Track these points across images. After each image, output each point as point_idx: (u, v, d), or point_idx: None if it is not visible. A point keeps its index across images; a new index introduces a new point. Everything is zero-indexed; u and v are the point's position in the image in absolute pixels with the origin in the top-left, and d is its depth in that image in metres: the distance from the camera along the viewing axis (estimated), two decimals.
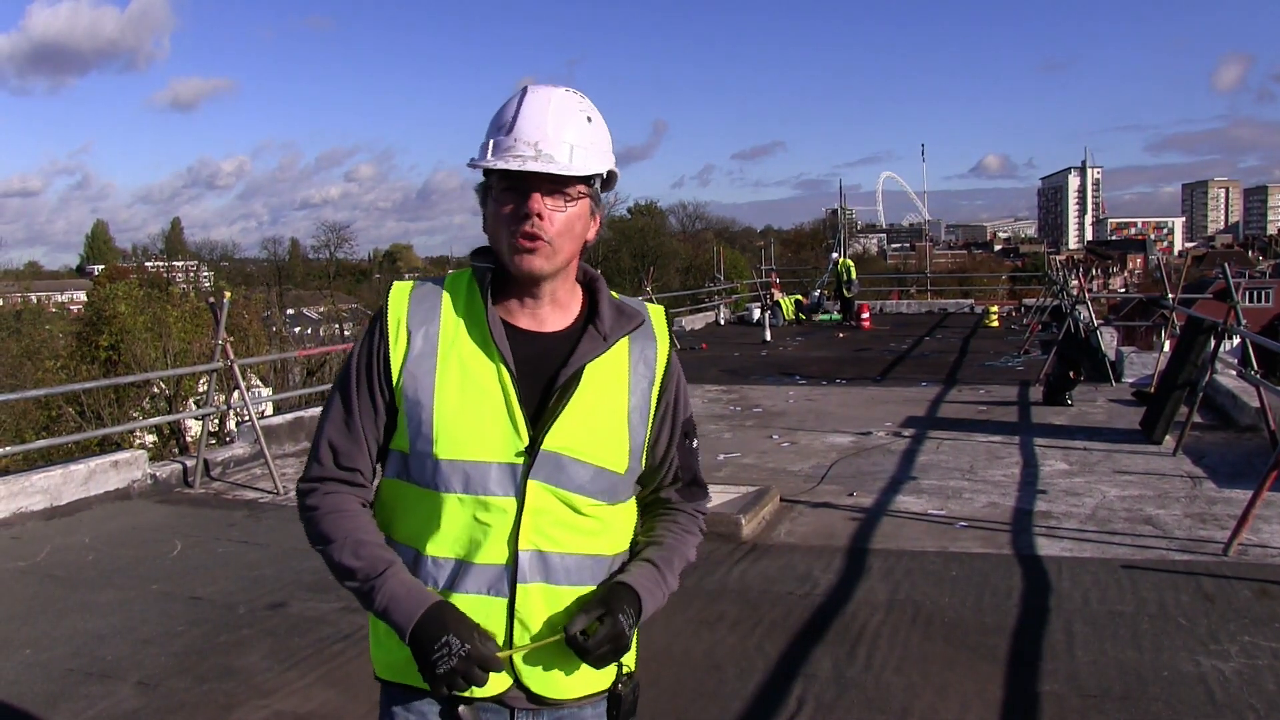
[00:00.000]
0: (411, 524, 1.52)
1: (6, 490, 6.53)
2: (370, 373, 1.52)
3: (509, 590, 1.48)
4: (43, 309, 38.09)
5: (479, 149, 1.50)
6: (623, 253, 52.22)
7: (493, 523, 1.47)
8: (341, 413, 1.54)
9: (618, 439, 1.54)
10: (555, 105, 1.48)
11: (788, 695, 3.60)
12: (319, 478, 1.54)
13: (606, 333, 1.53)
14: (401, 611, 1.43)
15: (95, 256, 78.90)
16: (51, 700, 3.76)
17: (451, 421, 1.47)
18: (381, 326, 1.52)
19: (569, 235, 1.48)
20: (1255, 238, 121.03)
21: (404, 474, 1.52)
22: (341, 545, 1.49)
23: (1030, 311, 20.91)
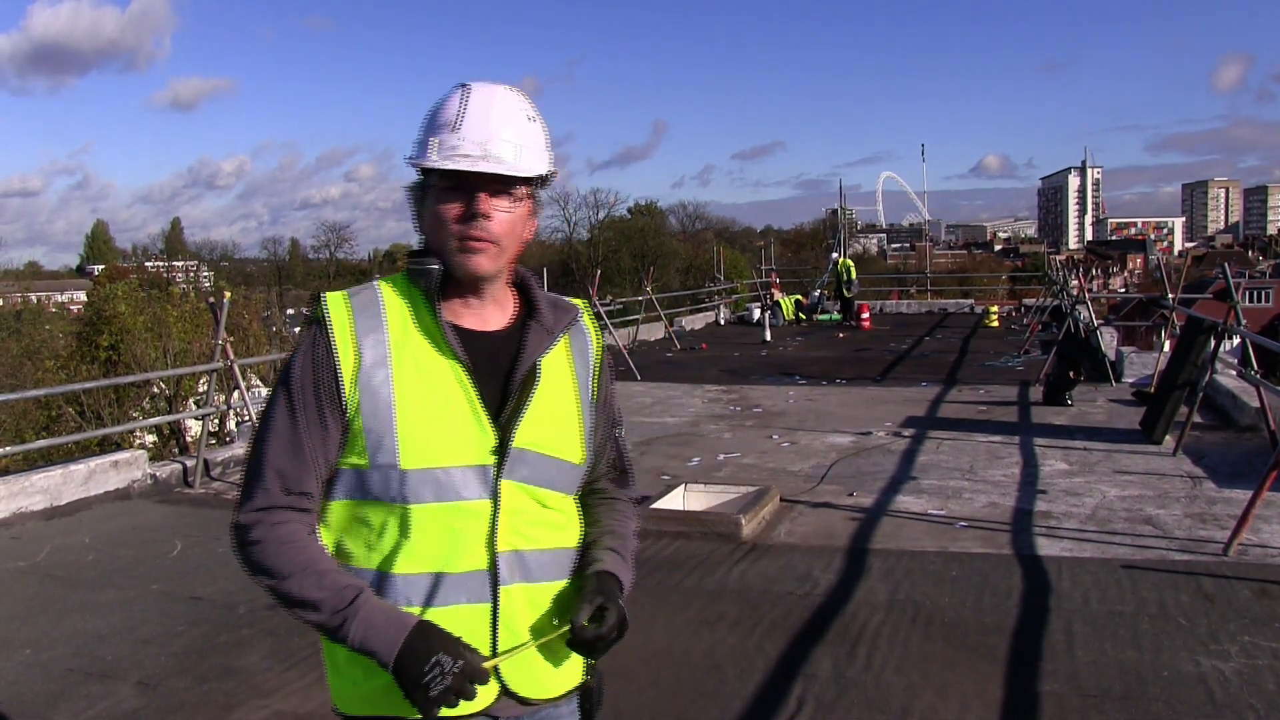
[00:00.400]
0: (374, 544, 1.45)
1: (6, 490, 6.53)
2: (318, 388, 1.43)
3: (491, 595, 1.46)
4: (43, 309, 38.11)
5: (417, 146, 1.46)
6: (623, 253, 52.27)
7: (469, 528, 1.44)
8: (287, 433, 1.43)
9: (575, 431, 1.56)
10: (499, 104, 1.47)
11: (788, 695, 3.60)
12: (265, 507, 1.43)
13: (550, 327, 1.54)
14: (382, 638, 1.37)
15: (95, 256, 78.91)
16: (51, 700, 3.77)
17: (417, 430, 1.42)
18: (325, 339, 1.44)
19: (513, 236, 1.48)
20: (1255, 238, 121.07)
21: (362, 492, 1.45)
22: (299, 578, 1.39)
23: (1030, 311, 20.92)
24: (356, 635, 1.37)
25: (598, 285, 14.48)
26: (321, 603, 1.38)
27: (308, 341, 1.46)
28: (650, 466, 7.67)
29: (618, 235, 55.43)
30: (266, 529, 1.42)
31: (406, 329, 1.46)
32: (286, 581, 1.40)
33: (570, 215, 59.42)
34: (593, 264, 42.69)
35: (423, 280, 1.48)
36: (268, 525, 1.42)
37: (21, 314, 34.07)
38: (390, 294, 1.50)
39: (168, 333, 21.39)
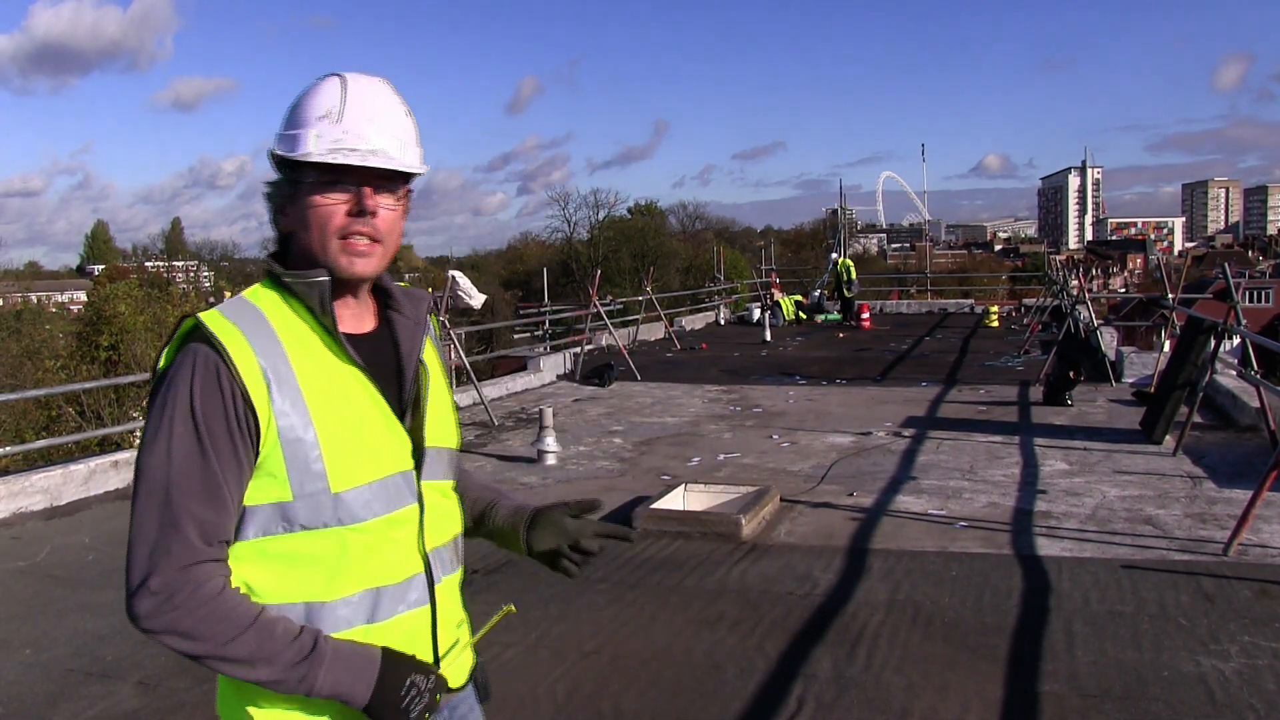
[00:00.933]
0: (300, 577, 1.34)
1: (6, 490, 6.53)
2: (229, 422, 1.28)
3: (430, 596, 1.43)
4: (43, 309, 38.09)
5: (286, 140, 1.35)
6: (623, 253, 52.23)
7: (404, 536, 1.40)
8: (200, 475, 1.26)
9: (454, 417, 1.56)
10: (383, 97, 1.39)
11: (788, 695, 3.60)
12: (188, 564, 1.26)
13: (415, 319, 1.49)
14: (355, 679, 1.31)
15: (95, 256, 78.88)
16: (51, 700, 3.77)
17: (341, 449, 1.33)
18: (227, 368, 1.28)
19: (394, 235, 1.41)
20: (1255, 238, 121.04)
21: (283, 525, 1.32)
22: (248, 635, 1.27)
23: (1030, 311, 20.90)
24: (325, 682, 1.29)
25: (598, 285, 14.48)
26: (276, 656, 1.28)
27: (202, 369, 1.28)
28: (650, 466, 7.67)
29: (618, 235, 55.36)
30: (193, 589, 1.26)
31: (302, 344, 1.35)
32: (232, 644, 1.27)
33: (570, 215, 59.41)
34: (593, 264, 42.68)
35: (312, 291, 1.36)
36: (193, 585, 1.26)
37: (21, 314, 34.06)
38: (270, 308, 1.37)
39: (168, 333, 21.38)
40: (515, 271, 60.57)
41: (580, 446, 8.54)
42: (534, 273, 47.10)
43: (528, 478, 7.40)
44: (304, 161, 1.34)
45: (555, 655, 4.05)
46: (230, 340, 1.30)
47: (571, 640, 4.21)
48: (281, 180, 1.39)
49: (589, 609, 4.57)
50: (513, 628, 4.35)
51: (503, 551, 5.93)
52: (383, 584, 1.38)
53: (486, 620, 1.56)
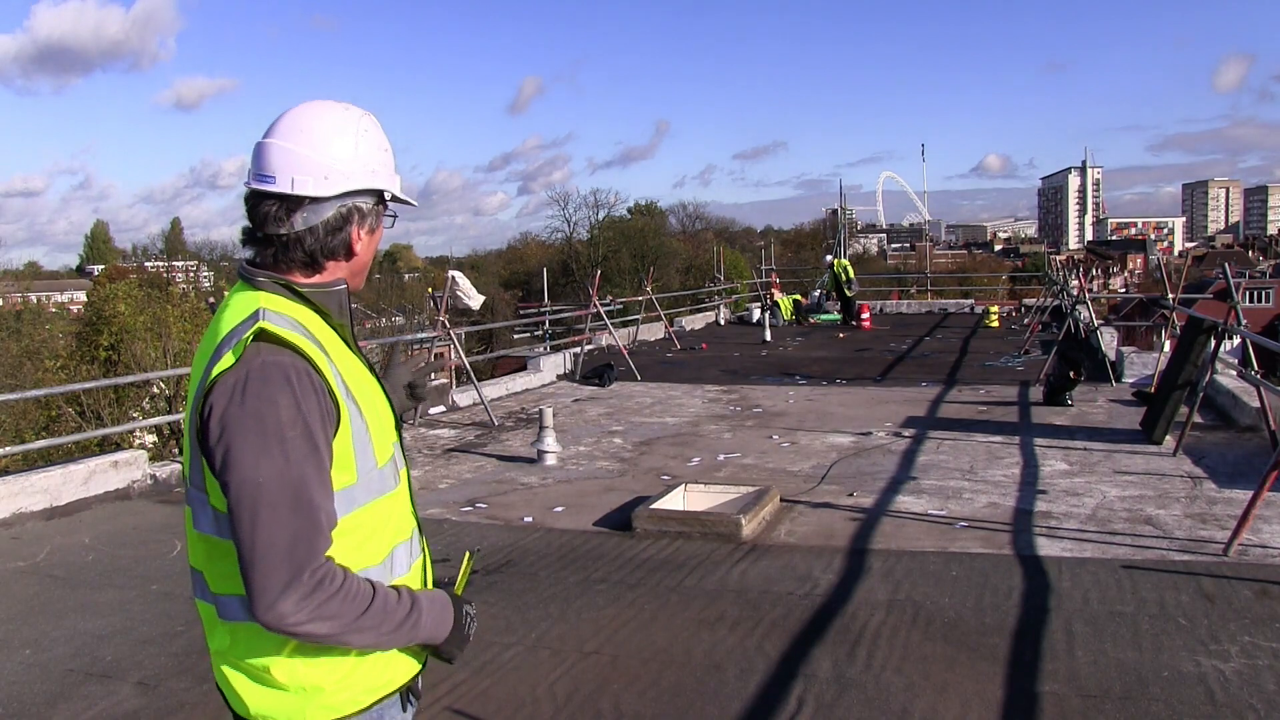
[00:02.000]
0: (365, 542, 1.52)
1: (6, 490, 6.53)
2: (324, 422, 1.43)
3: (421, 546, 1.68)
4: (43, 309, 38.09)
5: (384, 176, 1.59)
6: (623, 253, 52.26)
7: (406, 496, 1.64)
8: (317, 475, 1.40)
9: None
10: None
11: (788, 695, 3.60)
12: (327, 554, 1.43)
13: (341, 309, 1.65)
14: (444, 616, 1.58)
15: (95, 257, 78.91)
16: (51, 700, 3.77)
17: (375, 431, 1.54)
18: (318, 373, 1.43)
19: None
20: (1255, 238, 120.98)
21: (348, 507, 1.47)
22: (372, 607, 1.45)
23: (1030, 311, 20.90)
24: (425, 629, 1.53)
25: (598, 285, 14.48)
26: (391, 616, 1.47)
27: (298, 373, 1.40)
28: (650, 466, 7.68)
29: (618, 235, 55.38)
30: (334, 576, 1.42)
31: (332, 345, 1.53)
32: (364, 617, 1.43)
33: (570, 215, 59.42)
34: (593, 264, 42.68)
35: (333, 300, 1.58)
36: (334, 572, 1.42)
37: (21, 314, 34.04)
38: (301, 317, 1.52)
39: (168, 333, 21.39)
40: (515, 271, 60.58)
41: (580, 446, 8.54)
42: (534, 273, 47.11)
43: (528, 478, 7.40)
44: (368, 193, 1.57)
45: (555, 655, 4.05)
46: (303, 343, 1.45)
47: (571, 640, 4.21)
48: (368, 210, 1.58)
49: (589, 609, 4.57)
50: (513, 628, 4.35)
51: (503, 552, 5.92)
52: (400, 540, 1.59)
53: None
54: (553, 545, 5.60)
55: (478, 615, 1.69)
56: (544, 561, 5.31)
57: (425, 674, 1.70)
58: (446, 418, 10.38)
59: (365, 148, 1.56)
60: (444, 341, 10.55)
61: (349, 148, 1.53)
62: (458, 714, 3.51)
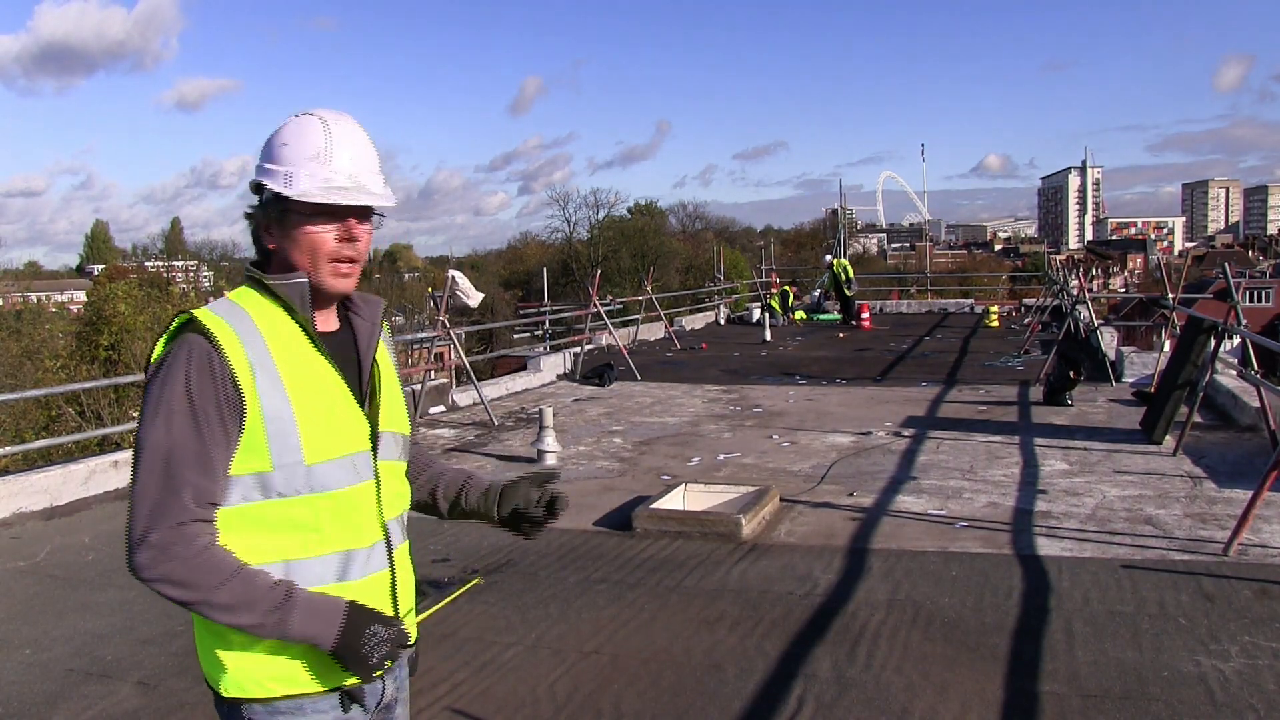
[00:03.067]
0: (280, 539, 1.55)
1: (6, 490, 6.53)
2: (219, 403, 1.50)
3: (389, 561, 1.65)
4: (43, 309, 38.09)
5: (286, 177, 1.57)
6: (623, 253, 52.26)
7: (366, 506, 1.62)
8: (194, 447, 1.49)
9: (405, 407, 1.78)
10: (360, 137, 1.63)
11: (788, 695, 3.60)
12: (182, 521, 1.48)
13: (371, 320, 1.73)
14: (323, 624, 1.51)
15: (94, 256, 78.90)
16: (51, 700, 3.77)
17: (315, 427, 1.55)
18: (219, 355, 1.51)
19: (366, 255, 1.66)
20: (1255, 237, 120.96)
21: (263, 493, 1.54)
22: (232, 583, 1.48)
23: (1030, 311, 20.90)
24: (297, 626, 1.50)
25: (598, 285, 14.48)
26: (256, 603, 1.48)
27: (198, 357, 1.51)
28: (650, 466, 7.67)
29: (618, 235, 55.38)
30: (186, 543, 1.48)
31: (281, 339, 1.57)
32: (218, 590, 1.47)
33: (570, 215, 59.42)
34: (593, 264, 42.68)
35: (294, 292, 1.59)
36: (187, 539, 1.48)
37: (21, 314, 34.05)
38: (255, 307, 1.59)
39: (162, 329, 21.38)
40: (515, 271, 60.57)
41: (580, 446, 8.54)
42: (534, 273, 47.10)
43: None
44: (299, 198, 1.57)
45: (555, 655, 4.05)
46: (221, 332, 1.53)
47: (571, 640, 4.21)
48: (271, 208, 1.60)
49: (589, 609, 4.57)
50: (513, 628, 4.35)
51: (503, 552, 5.93)
52: (354, 547, 1.60)
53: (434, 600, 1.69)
54: (553, 545, 5.60)
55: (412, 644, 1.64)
56: (544, 561, 5.31)
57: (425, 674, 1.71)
58: (446, 418, 10.38)
59: (278, 148, 1.60)
60: (444, 341, 10.55)
61: (270, 149, 1.61)
62: (458, 714, 3.51)
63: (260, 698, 1.57)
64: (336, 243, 1.60)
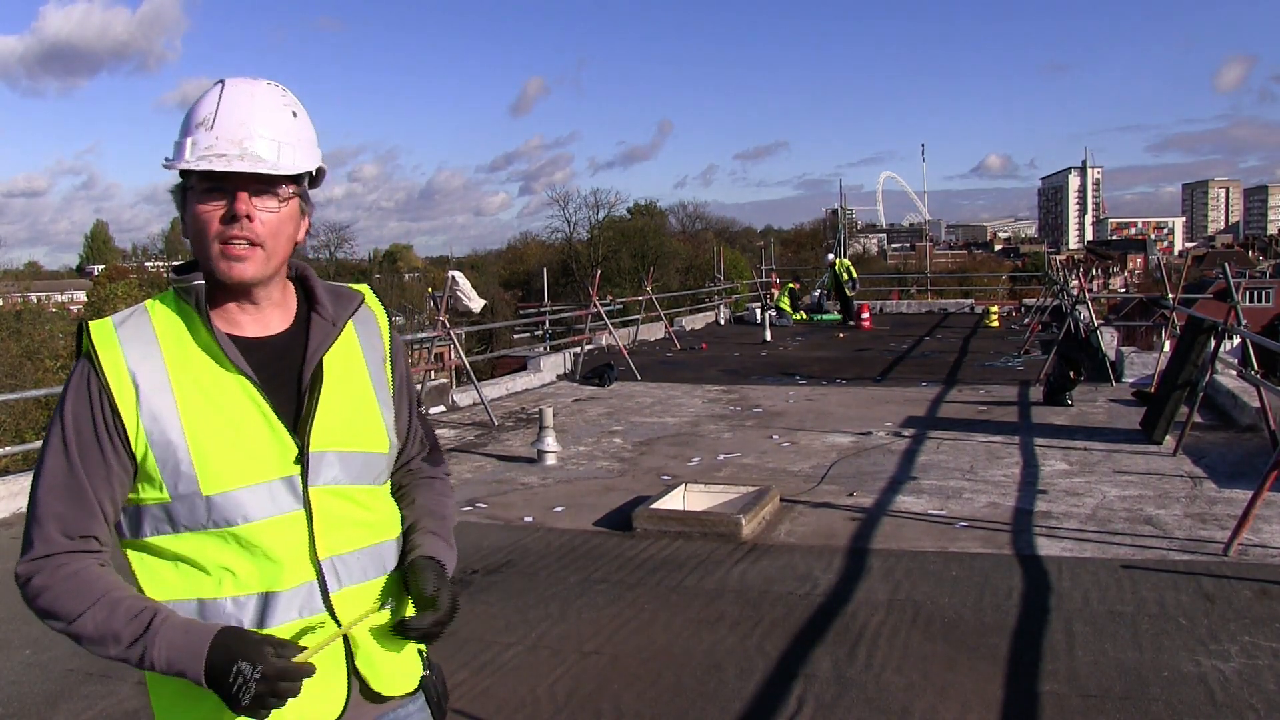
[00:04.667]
0: (191, 575, 1.38)
1: (6, 490, 6.53)
2: (96, 428, 1.35)
3: (325, 605, 1.41)
4: (43, 309, 38.06)
5: (174, 148, 1.39)
6: (623, 253, 52.22)
7: (287, 542, 1.39)
8: (64, 478, 1.35)
9: (374, 420, 1.51)
10: (259, 100, 1.40)
11: (788, 695, 3.60)
12: (43, 555, 1.34)
13: (333, 319, 1.49)
14: (188, 656, 1.30)
15: (94, 256, 78.93)
16: (51, 700, 3.77)
17: (213, 452, 1.35)
18: (97, 375, 1.36)
19: (280, 237, 1.41)
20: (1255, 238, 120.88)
21: (169, 525, 1.37)
22: (93, 612, 1.32)
23: (1030, 311, 20.89)
24: (161, 658, 1.31)
25: (598, 285, 14.48)
26: (119, 634, 1.31)
27: (78, 377, 1.37)
28: (650, 466, 7.67)
29: (618, 235, 55.34)
30: (49, 574, 1.34)
31: (184, 350, 1.39)
32: (79, 621, 1.32)
33: (570, 215, 59.39)
34: (593, 264, 42.67)
35: (189, 296, 1.40)
36: (50, 570, 1.34)
37: (21, 314, 34.05)
38: (161, 315, 1.42)
39: None
40: (515, 271, 60.53)
41: (580, 446, 8.54)
42: (534, 273, 47.09)
43: (528, 478, 7.40)
44: (187, 170, 1.37)
45: (555, 655, 4.05)
46: (104, 347, 1.37)
47: (571, 640, 4.21)
48: (177, 188, 1.42)
49: (589, 609, 4.57)
50: (513, 628, 4.35)
51: (503, 552, 5.92)
52: (272, 589, 1.38)
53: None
54: (553, 545, 5.60)
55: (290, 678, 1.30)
56: (544, 561, 5.31)
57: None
58: (446, 418, 10.38)
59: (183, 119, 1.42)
60: (444, 341, 10.55)
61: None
62: (458, 714, 3.51)
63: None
64: (221, 223, 1.36)
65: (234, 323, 1.44)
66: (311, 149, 1.45)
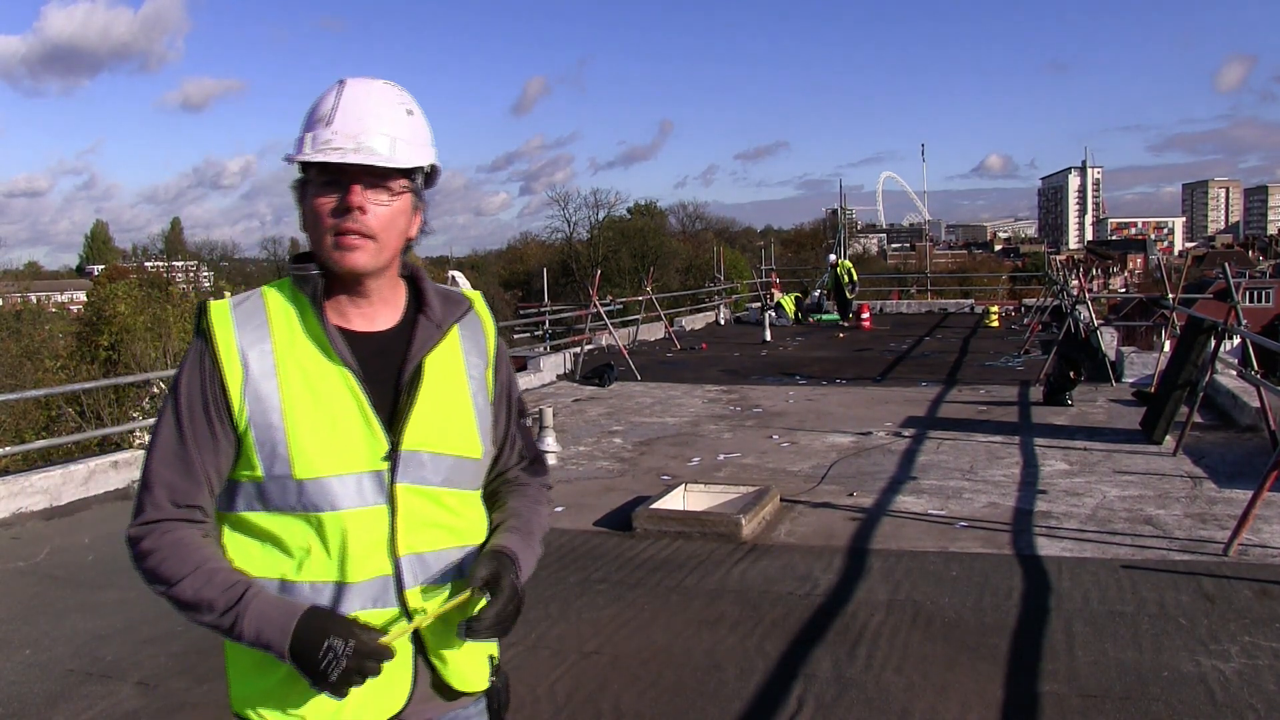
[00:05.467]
0: (276, 554, 1.43)
1: (6, 490, 6.53)
2: (206, 402, 1.41)
3: (397, 600, 1.45)
4: (43, 309, 38.04)
5: (295, 143, 1.43)
6: (623, 253, 52.25)
7: (367, 534, 1.43)
8: (175, 448, 1.41)
9: (468, 425, 1.53)
10: (375, 97, 1.44)
11: (788, 695, 3.60)
12: (153, 520, 1.41)
13: (439, 321, 1.52)
14: (275, 629, 1.34)
15: (94, 256, 78.91)
16: (51, 700, 3.77)
17: (307, 439, 1.40)
18: (211, 352, 1.42)
19: (392, 230, 1.44)
20: (1255, 238, 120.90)
21: (261, 504, 1.43)
22: (191, 579, 1.37)
23: (1030, 311, 20.90)
24: (250, 629, 1.35)
25: (598, 285, 14.48)
26: (213, 602, 1.37)
27: (194, 354, 1.44)
28: (650, 466, 7.67)
29: (618, 235, 55.37)
30: (156, 538, 1.40)
31: (293, 337, 1.44)
32: (178, 586, 1.38)
33: (570, 215, 59.41)
34: (593, 264, 42.67)
35: (306, 286, 1.45)
36: (158, 534, 1.40)
37: (21, 314, 34.01)
38: (275, 301, 1.47)
39: (168, 333, 21.38)
40: (515, 271, 60.55)
41: (580, 446, 8.54)
42: (534, 273, 47.09)
43: None
44: (306, 164, 1.42)
45: (555, 655, 4.05)
46: (220, 327, 1.43)
47: (571, 640, 4.21)
48: (298, 182, 1.46)
49: (589, 609, 4.57)
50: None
51: None
52: (349, 579, 1.42)
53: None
54: (552, 545, 5.60)
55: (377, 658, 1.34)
56: (544, 561, 5.29)
57: None
58: None
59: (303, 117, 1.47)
60: None
61: None
62: None
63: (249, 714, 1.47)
64: (336, 213, 1.40)
65: (343, 315, 1.48)
66: (425, 147, 1.48)
